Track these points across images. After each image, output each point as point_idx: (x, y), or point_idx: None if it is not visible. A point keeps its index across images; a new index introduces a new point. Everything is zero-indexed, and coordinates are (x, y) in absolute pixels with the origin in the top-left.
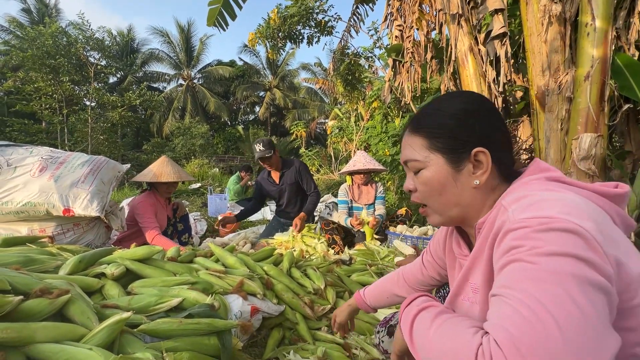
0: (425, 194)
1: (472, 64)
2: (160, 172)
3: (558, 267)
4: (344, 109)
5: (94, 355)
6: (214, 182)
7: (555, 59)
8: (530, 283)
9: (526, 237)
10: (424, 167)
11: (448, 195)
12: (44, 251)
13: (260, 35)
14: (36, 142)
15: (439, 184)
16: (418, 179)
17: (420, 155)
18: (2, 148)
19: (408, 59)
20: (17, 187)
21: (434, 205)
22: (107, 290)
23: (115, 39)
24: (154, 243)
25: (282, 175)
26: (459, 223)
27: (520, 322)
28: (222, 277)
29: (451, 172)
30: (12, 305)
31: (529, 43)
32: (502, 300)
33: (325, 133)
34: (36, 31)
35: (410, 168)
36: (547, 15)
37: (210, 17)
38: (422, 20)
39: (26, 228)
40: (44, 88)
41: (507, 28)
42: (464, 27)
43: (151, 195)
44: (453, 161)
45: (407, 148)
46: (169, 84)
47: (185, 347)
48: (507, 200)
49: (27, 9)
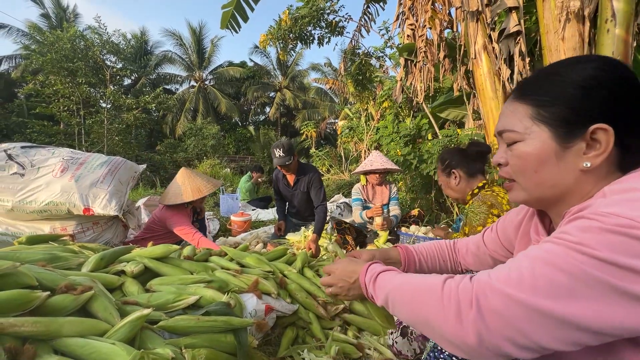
0: (517, 170)
1: (486, 62)
2: (197, 188)
3: (593, 272)
4: (354, 109)
5: (117, 350)
6: (226, 182)
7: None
8: (541, 262)
9: (585, 231)
10: (521, 139)
11: (545, 174)
12: (66, 249)
13: (271, 36)
14: (55, 142)
15: (537, 160)
16: (512, 151)
17: (521, 126)
18: (26, 149)
19: (421, 58)
20: (40, 187)
21: (524, 182)
22: (127, 287)
23: (129, 42)
24: (201, 244)
25: (297, 182)
26: (545, 207)
27: (503, 273)
28: (237, 276)
29: (555, 148)
30: (40, 300)
31: (545, 40)
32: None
33: (335, 133)
34: (54, 35)
35: (504, 139)
36: (564, 12)
37: (223, 20)
38: (435, 19)
39: (48, 226)
40: (62, 90)
41: (521, 26)
42: (478, 25)
43: (179, 206)
44: (561, 136)
45: (506, 116)
46: (181, 85)
47: (202, 344)
48: (612, 188)
49: (46, 14)
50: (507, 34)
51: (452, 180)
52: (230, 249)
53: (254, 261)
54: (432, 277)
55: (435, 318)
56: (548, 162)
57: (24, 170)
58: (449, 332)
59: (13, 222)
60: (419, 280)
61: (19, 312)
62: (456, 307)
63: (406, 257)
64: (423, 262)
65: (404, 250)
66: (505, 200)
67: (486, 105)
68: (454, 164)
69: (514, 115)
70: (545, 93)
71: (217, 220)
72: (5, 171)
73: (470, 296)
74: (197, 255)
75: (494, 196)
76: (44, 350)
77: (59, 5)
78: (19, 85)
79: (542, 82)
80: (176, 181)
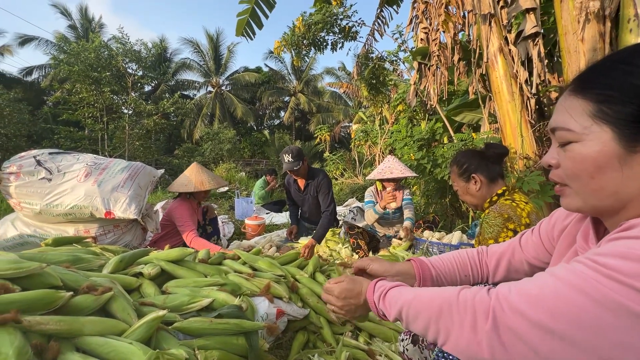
0: (570, 174)
1: (502, 65)
2: (200, 181)
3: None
4: (369, 112)
5: (134, 349)
6: (241, 186)
7: (594, 58)
8: (567, 285)
9: (625, 257)
10: (578, 140)
11: (604, 181)
12: (89, 251)
13: (285, 43)
14: (80, 147)
15: (595, 165)
16: (566, 152)
17: (577, 124)
18: (53, 155)
19: (434, 62)
20: (66, 191)
21: (579, 188)
22: (144, 288)
23: (150, 51)
24: (192, 244)
25: (307, 186)
26: (602, 215)
27: (525, 289)
28: (249, 280)
29: (619, 152)
30: (63, 300)
31: (563, 42)
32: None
33: (349, 136)
34: (80, 46)
35: (557, 138)
36: (583, 12)
37: (238, 28)
38: (449, 22)
39: (73, 229)
40: (87, 98)
41: (539, 27)
42: (493, 28)
43: (186, 200)
44: (627, 138)
45: (560, 113)
46: (199, 91)
47: (215, 346)
48: None
49: (73, 25)
50: (525, 35)
51: (471, 186)
52: (243, 253)
53: (267, 265)
54: (446, 288)
55: (450, 328)
56: (609, 167)
57: (51, 175)
58: (463, 343)
59: (41, 225)
60: (432, 292)
61: (45, 310)
62: (472, 317)
63: (420, 272)
64: (442, 276)
65: (418, 264)
66: (525, 213)
67: (502, 108)
68: (473, 168)
69: (569, 112)
70: (610, 87)
71: (232, 223)
72: (35, 176)
73: (487, 307)
74: (211, 258)
75: (512, 207)
76: (66, 347)
77: (85, 17)
78: (48, 94)
79: (607, 73)
80: (185, 173)
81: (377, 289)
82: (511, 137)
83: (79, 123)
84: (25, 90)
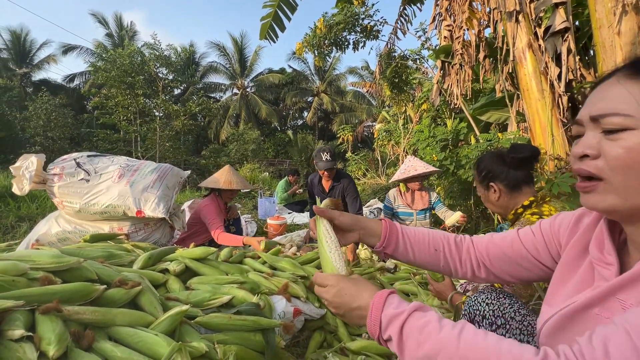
0: (617, 165)
1: (531, 62)
2: (229, 181)
3: None
4: (392, 112)
5: (159, 340)
6: (264, 186)
7: (633, 52)
8: None
9: None
10: (635, 127)
11: None
12: (121, 247)
13: (307, 44)
14: (115, 149)
15: None
16: (616, 141)
17: (636, 109)
18: (91, 158)
19: (457, 60)
20: (102, 191)
21: (619, 184)
22: (170, 284)
23: (179, 56)
24: (220, 239)
25: (332, 188)
26: (632, 218)
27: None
28: (268, 279)
29: None
30: (98, 292)
31: (598, 36)
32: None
33: (372, 136)
34: (116, 53)
35: (602, 124)
36: (619, 4)
37: (262, 31)
38: (473, 20)
39: (108, 226)
40: (122, 102)
41: (569, 22)
42: (521, 23)
43: (214, 199)
44: None
45: (608, 99)
46: (225, 93)
47: (234, 341)
48: None
49: (110, 33)
50: (553, 31)
51: (491, 195)
52: (264, 254)
53: (289, 265)
54: (510, 344)
55: None
56: None
57: (89, 176)
58: None
59: (80, 222)
60: (487, 344)
61: (82, 302)
62: None
63: (387, 233)
64: (408, 245)
65: (387, 225)
66: None
67: (531, 107)
68: (491, 176)
69: (624, 96)
70: None
71: (254, 222)
72: (75, 177)
73: None
74: (232, 257)
75: None
76: (100, 336)
77: (121, 25)
78: (87, 99)
79: None
80: (217, 173)
81: (388, 306)
82: (541, 136)
83: (114, 126)
84: (68, 96)
